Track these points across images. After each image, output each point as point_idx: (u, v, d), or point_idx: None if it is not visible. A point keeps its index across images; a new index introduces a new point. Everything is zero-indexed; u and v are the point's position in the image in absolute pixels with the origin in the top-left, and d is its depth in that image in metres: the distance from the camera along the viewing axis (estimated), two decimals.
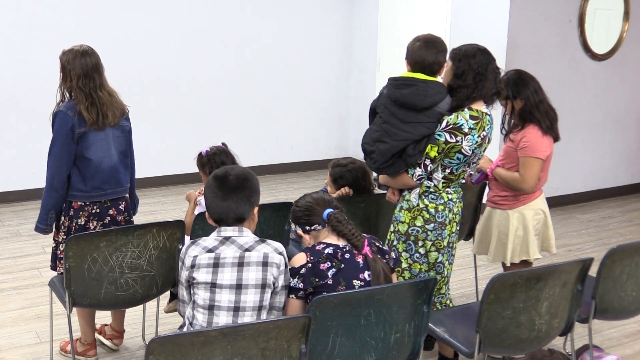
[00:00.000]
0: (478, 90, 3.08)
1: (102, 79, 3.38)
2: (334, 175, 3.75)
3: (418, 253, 3.21)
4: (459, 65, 3.10)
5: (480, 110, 3.10)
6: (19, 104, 6.19)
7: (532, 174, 3.51)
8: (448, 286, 3.39)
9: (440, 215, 3.16)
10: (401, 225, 3.23)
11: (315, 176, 7.53)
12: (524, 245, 3.64)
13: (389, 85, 3.18)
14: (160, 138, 6.92)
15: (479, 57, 3.09)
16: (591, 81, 6.60)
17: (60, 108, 3.32)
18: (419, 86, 3.07)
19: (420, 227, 3.18)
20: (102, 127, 3.35)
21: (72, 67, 3.31)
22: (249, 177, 2.64)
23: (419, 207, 3.17)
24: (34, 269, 4.79)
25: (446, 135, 3.05)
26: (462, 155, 3.08)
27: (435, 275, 3.24)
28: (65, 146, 3.31)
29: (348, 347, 2.55)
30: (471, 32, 6.06)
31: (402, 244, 3.23)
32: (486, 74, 3.09)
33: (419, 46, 3.15)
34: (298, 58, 7.56)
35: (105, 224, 3.45)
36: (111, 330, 3.73)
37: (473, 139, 3.07)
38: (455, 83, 3.10)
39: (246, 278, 2.53)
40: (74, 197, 3.39)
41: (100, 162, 3.40)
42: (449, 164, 3.11)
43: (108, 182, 3.44)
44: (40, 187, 6.35)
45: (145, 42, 6.68)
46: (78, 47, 3.37)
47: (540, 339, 2.91)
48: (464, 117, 3.05)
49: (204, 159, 3.64)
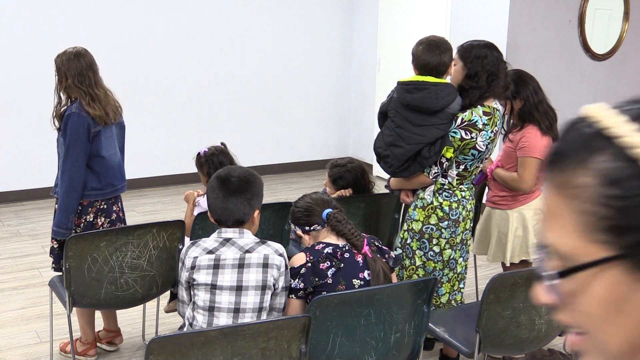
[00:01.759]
0: (491, 90, 3.10)
1: (97, 77, 3.42)
2: (333, 176, 3.74)
3: (432, 251, 3.22)
4: (471, 66, 3.09)
5: (492, 106, 3.14)
6: (19, 104, 6.19)
7: (530, 173, 3.52)
8: (463, 283, 3.40)
9: (454, 213, 3.19)
10: (415, 223, 3.24)
11: (315, 176, 7.53)
12: (524, 245, 3.64)
13: (399, 89, 3.18)
14: (160, 138, 6.92)
15: (491, 57, 3.09)
16: (591, 81, 6.60)
17: (71, 110, 3.33)
18: (430, 89, 3.08)
19: (434, 225, 3.19)
20: (107, 123, 3.39)
21: (66, 69, 3.34)
22: (251, 180, 2.61)
23: (432, 204, 3.19)
24: (34, 269, 4.79)
25: (461, 132, 3.07)
26: (477, 151, 3.11)
27: (449, 272, 3.27)
28: (83, 146, 3.33)
29: (348, 347, 2.55)
30: (471, 32, 6.05)
31: (416, 242, 3.24)
32: (498, 74, 3.11)
33: (422, 50, 3.16)
34: (298, 58, 7.56)
35: (112, 220, 3.50)
36: (106, 333, 3.72)
37: (487, 134, 3.10)
38: (467, 84, 3.11)
39: (246, 279, 2.52)
40: (88, 196, 3.41)
41: (111, 159, 3.46)
42: (463, 160, 3.14)
43: (117, 178, 3.51)
44: (40, 187, 6.39)
45: (145, 43, 6.68)
46: (71, 49, 3.41)
47: (540, 339, 2.91)
48: (477, 113, 3.08)
49: (202, 159, 3.64)
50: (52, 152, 3.62)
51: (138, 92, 6.58)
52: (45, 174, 5.65)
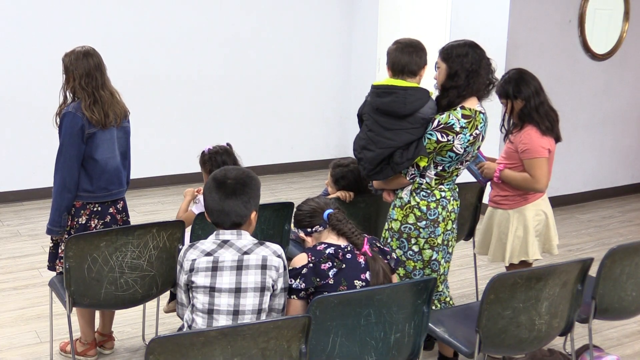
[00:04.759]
0: (469, 88, 3.08)
1: (105, 78, 3.40)
2: (336, 175, 3.73)
3: (411, 250, 3.21)
4: (451, 65, 3.09)
5: (474, 108, 3.10)
6: (19, 103, 6.19)
7: (543, 172, 3.52)
8: (446, 284, 3.39)
9: (432, 213, 3.16)
10: (394, 222, 3.24)
11: (315, 176, 7.53)
12: (523, 245, 3.63)
13: (372, 93, 3.19)
14: (160, 138, 6.92)
15: (472, 56, 3.08)
16: (591, 81, 6.60)
17: (68, 109, 3.32)
18: (398, 94, 3.08)
19: (412, 224, 3.18)
20: (106, 126, 3.36)
21: (74, 68, 3.33)
22: (247, 182, 2.59)
23: (410, 204, 3.18)
24: (34, 269, 4.79)
25: (437, 135, 3.05)
26: (454, 153, 3.08)
27: (431, 273, 3.25)
28: (75, 146, 3.31)
29: (348, 347, 2.55)
30: (471, 32, 6.06)
31: (395, 241, 3.24)
32: (479, 71, 3.08)
33: (394, 49, 3.18)
34: (298, 58, 7.56)
35: (106, 222, 3.46)
36: (99, 336, 3.70)
37: (465, 137, 3.06)
38: (447, 83, 3.10)
39: (245, 281, 2.52)
40: (80, 197, 3.39)
41: (106, 163, 3.41)
42: (440, 162, 3.12)
43: (113, 183, 3.46)
44: (40, 187, 6.39)
45: (146, 42, 6.68)
46: (80, 48, 3.40)
47: (540, 339, 2.91)
48: (455, 116, 3.05)
49: (206, 156, 3.66)
50: (52, 152, 3.61)
51: (139, 93, 6.58)
52: (45, 174, 5.63)
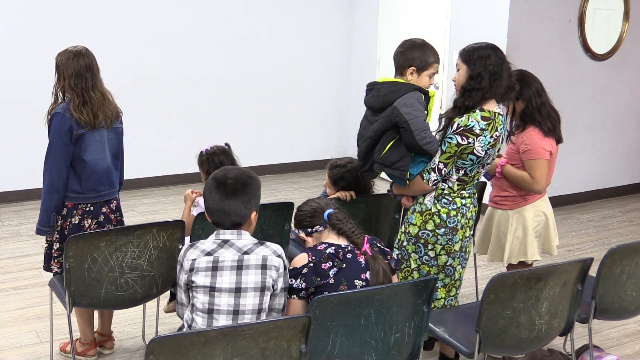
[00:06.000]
0: (492, 91, 3.06)
1: (96, 79, 3.38)
2: (334, 176, 3.71)
3: (427, 256, 3.20)
4: (474, 67, 3.06)
5: (493, 110, 3.08)
6: (19, 103, 6.19)
7: (543, 174, 3.52)
8: (459, 290, 3.38)
9: (451, 221, 3.15)
10: (412, 227, 3.22)
11: (315, 176, 7.53)
12: (522, 246, 3.63)
13: None
14: (160, 138, 6.92)
15: (494, 58, 3.06)
16: (591, 81, 6.60)
17: (57, 110, 3.32)
18: (375, 89, 3.22)
19: (430, 230, 3.17)
20: (95, 127, 3.35)
21: (65, 68, 3.32)
22: (247, 182, 2.59)
23: (431, 211, 3.16)
24: (34, 269, 4.79)
25: (457, 138, 3.03)
26: (475, 156, 3.06)
27: (445, 278, 3.24)
28: (64, 147, 3.31)
29: (348, 347, 2.55)
30: (471, 32, 6.06)
31: (411, 245, 3.23)
32: (501, 74, 3.07)
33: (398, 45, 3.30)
34: (298, 58, 7.56)
35: (100, 222, 3.46)
36: (99, 336, 3.70)
37: (485, 139, 3.05)
38: (469, 85, 3.07)
39: (245, 281, 2.52)
40: (69, 198, 3.39)
41: (96, 164, 3.40)
42: (462, 165, 3.10)
43: (102, 184, 3.46)
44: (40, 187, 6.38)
45: (145, 42, 6.68)
46: (72, 47, 3.39)
47: (540, 339, 2.91)
48: (475, 118, 3.03)
49: (204, 157, 3.65)
50: None
51: (138, 93, 6.58)
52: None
